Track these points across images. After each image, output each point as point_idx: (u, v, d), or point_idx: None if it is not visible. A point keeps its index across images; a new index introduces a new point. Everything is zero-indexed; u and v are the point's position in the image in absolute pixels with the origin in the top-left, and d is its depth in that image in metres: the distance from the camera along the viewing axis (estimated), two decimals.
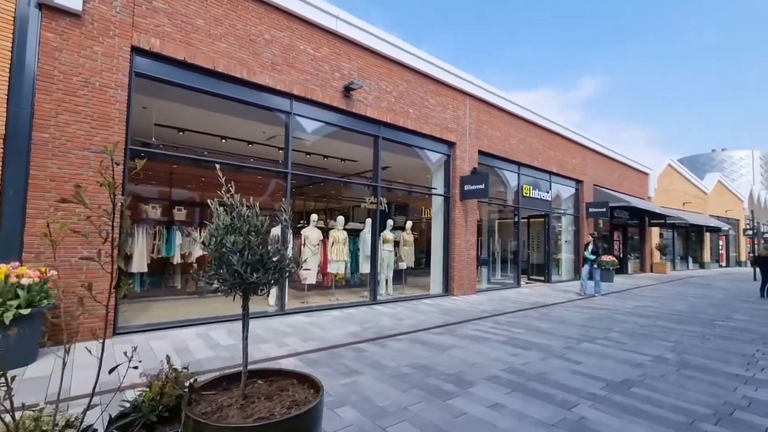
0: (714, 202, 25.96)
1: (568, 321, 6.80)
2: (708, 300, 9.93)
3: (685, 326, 6.55)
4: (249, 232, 1.72)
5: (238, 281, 1.68)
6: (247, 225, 1.73)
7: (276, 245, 1.81)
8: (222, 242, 1.69)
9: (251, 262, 1.68)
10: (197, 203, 9.25)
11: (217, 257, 1.69)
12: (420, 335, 5.52)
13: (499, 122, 11.01)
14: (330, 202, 15.69)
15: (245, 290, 1.76)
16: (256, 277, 1.68)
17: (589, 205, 14.63)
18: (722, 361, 4.55)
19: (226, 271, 1.68)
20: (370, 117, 7.84)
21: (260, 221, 1.80)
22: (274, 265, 1.75)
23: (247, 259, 1.66)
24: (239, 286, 1.72)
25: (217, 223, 1.74)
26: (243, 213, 1.77)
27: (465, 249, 9.75)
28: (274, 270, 1.76)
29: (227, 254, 1.66)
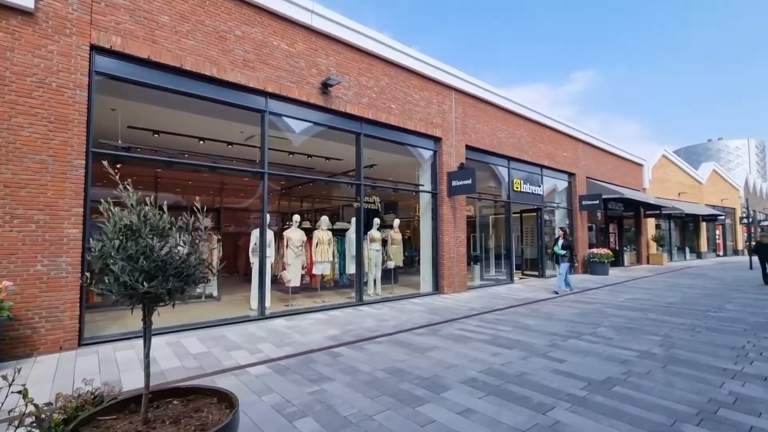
0: (709, 192, 25.83)
1: (557, 317, 6.62)
2: (702, 291, 9.77)
3: (676, 319, 6.38)
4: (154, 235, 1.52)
5: (130, 292, 1.49)
6: (147, 227, 1.54)
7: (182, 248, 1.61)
8: (104, 248, 1.50)
9: (147, 269, 1.49)
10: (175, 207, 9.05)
11: (103, 265, 1.50)
12: (401, 336, 5.33)
13: (487, 116, 10.82)
14: (321, 203, 15.51)
15: (145, 301, 1.56)
16: (149, 287, 1.48)
17: (582, 197, 14.47)
18: (711, 355, 4.38)
19: (113, 281, 1.49)
20: (351, 113, 7.65)
21: (164, 222, 1.61)
22: (177, 272, 1.56)
23: (141, 265, 1.47)
24: (133, 298, 1.52)
25: (110, 225, 1.54)
26: (143, 214, 1.58)
27: (454, 246, 9.57)
28: (178, 277, 1.56)
29: (116, 261, 1.47)
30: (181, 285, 1.60)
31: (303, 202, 14.98)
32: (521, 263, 14.57)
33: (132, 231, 1.49)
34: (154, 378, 3.75)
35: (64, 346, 4.57)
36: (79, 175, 4.74)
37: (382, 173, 11.49)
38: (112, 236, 1.49)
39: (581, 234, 14.57)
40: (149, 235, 1.51)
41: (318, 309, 7.22)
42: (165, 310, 6.68)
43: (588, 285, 11.03)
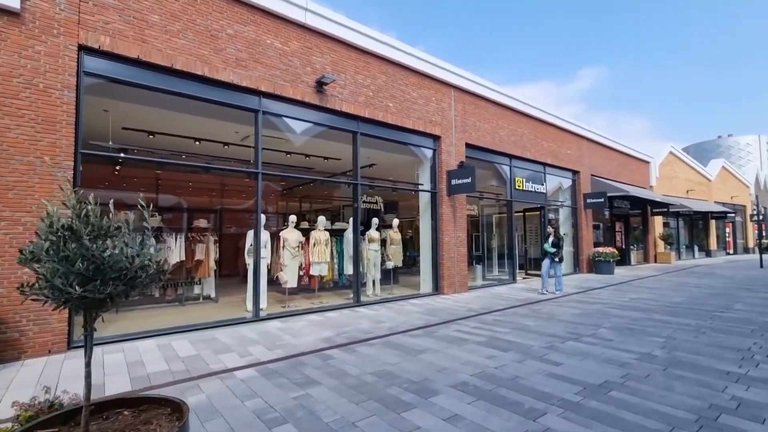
0: (719, 189, 25.36)
1: (557, 317, 6.47)
2: (709, 290, 9.53)
3: (681, 319, 6.19)
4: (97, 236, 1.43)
5: (64, 296, 1.40)
6: (89, 228, 1.45)
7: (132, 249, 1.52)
8: (34, 250, 1.41)
9: (83, 272, 1.40)
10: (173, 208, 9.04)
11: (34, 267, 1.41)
12: (396, 338, 5.22)
13: (487, 114, 10.67)
14: (323, 203, 15.45)
15: (82, 307, 1.47)
16: (83, 291, 1.39)
17: (586, 196, 14.24)
18: (715, 357, 4.20)
19: (45, 284, 1.40)
20: (347, 112, 7.55)
21: (107, 222, 1.52)
22: (119, 275, 1.47)
23: (78, 268, 1.38)
24: (68, 303, 1.43)
25: (44, 226, 1.45)
26: (84, 213, 1.49)
27: (454, 246, 9.43)
28: (120, 280, 1.47)
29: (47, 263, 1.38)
30: (125, 289, 1.51)
31: (303, 203, 14.94)
32: (524, 263, 14.38)
33: (72, 232, 1.40)
34: (138, 382, 3.69)
35: (52, 349, 4.53)
36: (67, 176, 4.70)
37: (381, 173, 11.39)
38: (45, 237, 1.40)
39: (586, 233, 14.34)
40: (88, 237, 1.41)
41: (314, 310, 7.14)
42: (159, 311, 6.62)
43: (592, 284, 10.83)
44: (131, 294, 1.57)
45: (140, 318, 6.58)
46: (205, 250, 8.08)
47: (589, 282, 11.44)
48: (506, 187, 11.62)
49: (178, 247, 7.70)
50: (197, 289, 8.33)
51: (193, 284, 8.24)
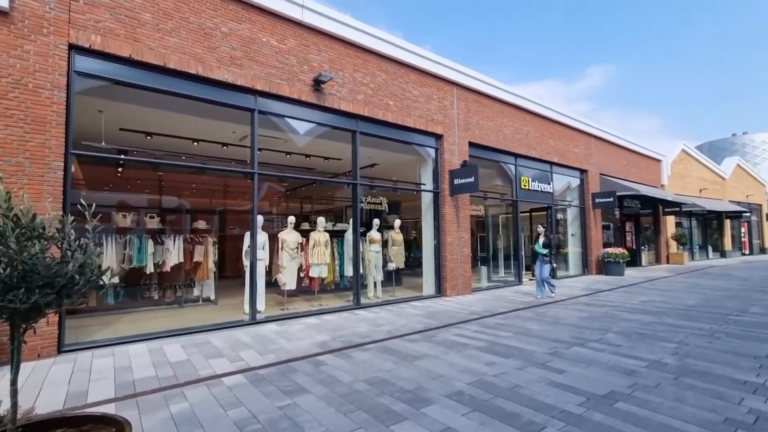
0: (733, 188, 24.69)
1: (563, 321, 6.23)
2: (724, 292, 9.17)
3: (694, 323, 5.90)
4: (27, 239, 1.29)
5: None
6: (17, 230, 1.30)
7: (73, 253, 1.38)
8: None
9: (4, 278, 1.25)
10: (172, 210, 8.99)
11: None
12: (393, 343, 5.04)
13: (491, 112, 10.44)
14: (327, 204, 15.33)
15: (7, 317, 1.33)
16: (2, 300, 1.25)
17: (595, 195, 13.89)
18: (730, 365, 3.95)
19: None
20: (345, 111, 7.40)
21: (40, 223, 1.38)
22: (48, 282, 1.32)
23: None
24: None
25: None
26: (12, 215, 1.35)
27: (458, 247, 9.22)
28: (49, 288, 1.33)
29: None
30: (55, 298, 1.36)
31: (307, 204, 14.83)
32: (531, 263, 14.09)
33: None
34: (123, 389, 3.57)
35: (42, 353, 4.44)
36: (57, 177, 4.63)
37: (384, 173, 11.24)
38: None
39: (595, 233, 13.99)
40: (15, 239, 1.27)
41: (313, 313, 6.99)
42: (158, 314, 6.54)
43: (601, 286, 10.52)
44: (65, 303, 1.43)
45: (137, 321, 6.50)
46: (203, 252, 8.00)
47: (598, 284, 11.12)
48: (511, 186, 11.37)
49: (177, 248, 7.63)
50: (197, 291, 8.24)
51: (192, 286, 8.17)
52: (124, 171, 9.31)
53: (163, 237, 7.60)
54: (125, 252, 7.19)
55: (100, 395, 3.43)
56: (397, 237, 9.28)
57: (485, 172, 12.01)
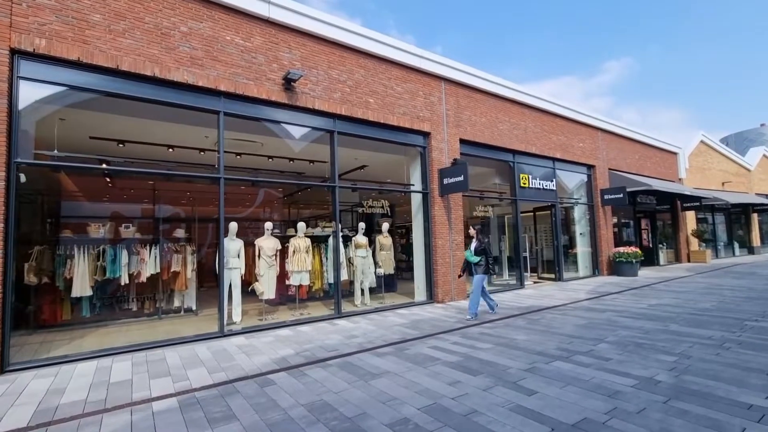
0: (760, 179, 23.24)
1: (555, 329, 5.66)
2: (745, 293, 8.35)
3: (703, 330, 5.25)
4: None
5: None
6: None
7: None
8: None
9: None
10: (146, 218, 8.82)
11: None
12: (358, 358, 4.61)
13: (484, 107, 9.92)
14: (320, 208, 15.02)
15: None
16: None
17: (603, 191, 13.12)
18: (736, 384, 3.35)
19: None
20: (321, 110, 7.05)
21: None
22: None
23: None
24: None
25: None
26: None
27: (450, 250, 8.72)
28: None
29: None
30: None
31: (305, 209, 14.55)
32: (536, 265, 13.41)
33: None
34: (41, 416, 3.25)
35: None
36: None
37: (377, 175, 10.84)
38: None
39: (605, 231, 13.19)
40: None
41: (288, 324, 6.61)
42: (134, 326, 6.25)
43: (608, 289, 9.80)
44: None
45: (107, 335, 6.26)
46: (182, 261, 7.75)
47: (606, 286, 10.39)
48: (510, 185, 10.79)
49: (153, 258, 7.39)
50: (177, 302, 8.00)
51: (171, 297, 7.93)
52: (96, 180, 9.18)
53: (137, 247, 7.38)
54: (98, 263, 6.99)
55: (12, 423, 3.12)
56: (385, 241, 8.84)
57: (483, 171, 11.50)
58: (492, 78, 9.97)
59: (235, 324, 6.77)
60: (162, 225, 8.60)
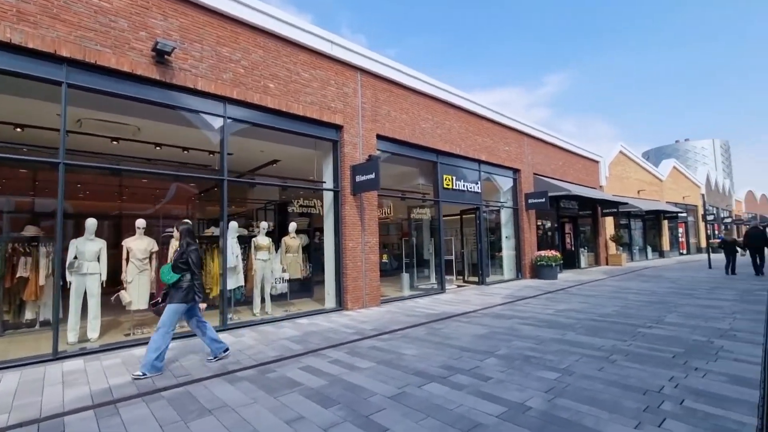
0: (670, 189, 25.35)
1: (452, 341, 5.20)
2: (648, 297, 8.58)
3: (597, 340, 5.04)
4: None
5: None
6: None
7: None
8: None
9: None
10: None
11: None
12: (206, 385, 3.78)
13: (406, 103, 9.45)
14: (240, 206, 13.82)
15: None
16: None
17: (528, 195, 13.28)
18: (609, 408, 2.99)
19: None
20: (206, 91, 6.11)
21: None
22: None
23: None
24: None
25: None
26: None
27: (362, 253, 8.10)
28: None
29: None
30: None
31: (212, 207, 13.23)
32: (463, 269, 13.27)
33: None
34: None
35: None
36: None
37: (289, 171, 9.98)
38: None
39: (528, 235, 13.36)
40: None
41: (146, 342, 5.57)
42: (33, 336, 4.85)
43: (526, 293, 9.74)
44: None
45: None
46: (32, 265, 6.39)
47: (525, 290, 10.36)
48: (434, 186, 10.44)
49: None
50: (30, 314, 6.60)
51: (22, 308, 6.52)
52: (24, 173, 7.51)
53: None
54: None
55: None
56: (292, 243, 8.03)
57: (407, 170, 11.07)
58: (413, 73, 9.54)
59: (90, 341, 5.62)
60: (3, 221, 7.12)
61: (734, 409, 2.90)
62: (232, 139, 6.97)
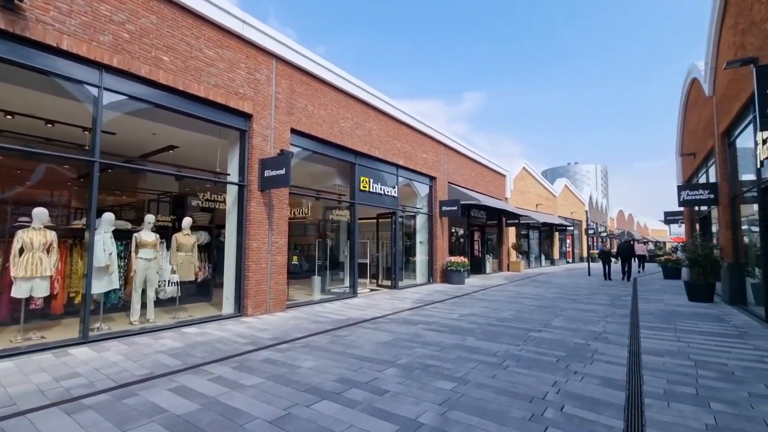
0: (562, 204, 28.61)
1: (355, 349, 4.94)
2: (539, 302, 9.33)
3: (494, 345, 5.20)
4: None
5: None
6: None
7: None
8: None
9: None
10: None
11: None
12: (29, 420, 2.95)
13: (326, 99, 9.06)
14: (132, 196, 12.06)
15: None
16: None
17: (442, 203, 13.75)
18: (497, 419, 2.96)
19: None
20: (74, 53, 5.03)
21: None
22: None
23: None
24: None
25: None
26: None
27: (267, 254, 7.48)
28: None
29: None
30: None
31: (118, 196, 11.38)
32: (377, 272, 13.24)
33: None
34: None
35: None
36: None
37: (191, 159, 8.90)
38: None
39: (441, 241, 13.83)
40: None
41: None
42: None
43: (435, 297, 9.97)
44: None
45: None
46: None
47: (435, 294, 10.62)
48: (351, 187, 10.18)
49: None
50: None
51: None
52: None
53: None
54: None
55: None
56: (185, 240, 7.09)
57: (324, 170, 10.66)
58: (335, 69, 9.20)
59: None
60: None
61: (605, 413, 3.07)
62: (118, 118, 5.94)
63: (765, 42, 5.77)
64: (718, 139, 9.27)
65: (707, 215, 12.33)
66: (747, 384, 3.73)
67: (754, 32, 6.23)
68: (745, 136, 7.78)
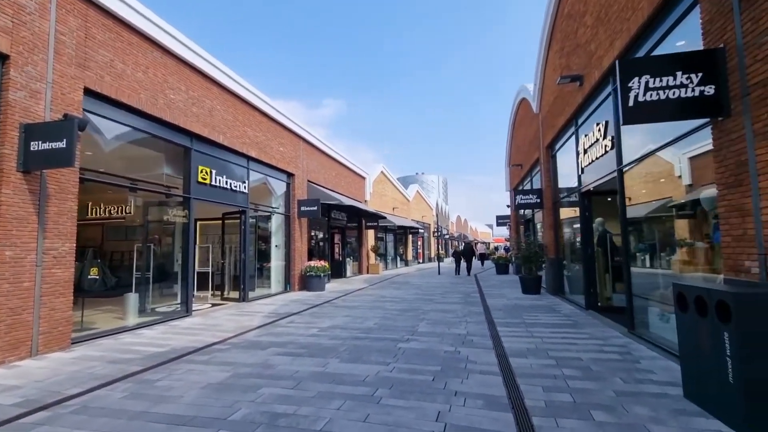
0: (415, 209, 30.65)
1: (163, 405, 3.35)
2: (401, 305, 9.05)
3: (361, 367, 4.32)
4: None
5: None
6: None
7: None
8: None
9: None
10: None
11: None
12: None
13: (145, 58, 6.84)
14: None
15: None
16: None
17: (301, 202, 12.52)
18: None
19: None
20: None
21: None
22: None
23: None
24: None
25: None
26: None
27: (36, 267, 5.00)
28: None
29: None
30: None
31: None
32: (222, 283, 11.13)
33: None
34: None
35: None
36: None
37: None
38: None
39: (300, 244, 12.57)
40: None
41: None
42: None
43: (291, 308, 8.68)
44: None
45: None
46: None
47: (291, 305, 9.32)
48: (185, 178, 8.07)
49: None
50: None
51: None
52: None
53: None
54: None
55: None
56: None
57: (144, 153, 8.20)
58: (159, 21, 7.06)
59: None
60: None
61: None
62: None
63: (589, 61, 6.55)
64: (543, 151, 10.68)
65: (531, 218, 14.42)
66: (606, 380, 3.75)
67: (580, 53, 7.09)
68: (566, 149, 9.02)
